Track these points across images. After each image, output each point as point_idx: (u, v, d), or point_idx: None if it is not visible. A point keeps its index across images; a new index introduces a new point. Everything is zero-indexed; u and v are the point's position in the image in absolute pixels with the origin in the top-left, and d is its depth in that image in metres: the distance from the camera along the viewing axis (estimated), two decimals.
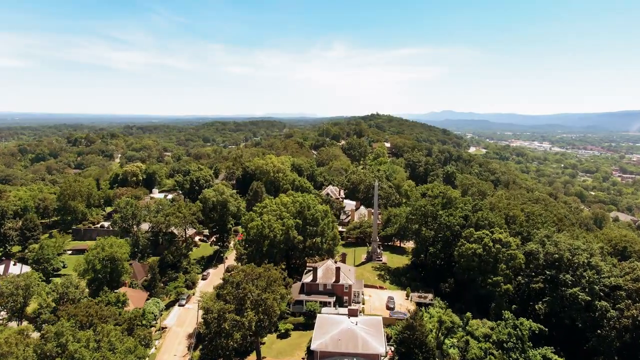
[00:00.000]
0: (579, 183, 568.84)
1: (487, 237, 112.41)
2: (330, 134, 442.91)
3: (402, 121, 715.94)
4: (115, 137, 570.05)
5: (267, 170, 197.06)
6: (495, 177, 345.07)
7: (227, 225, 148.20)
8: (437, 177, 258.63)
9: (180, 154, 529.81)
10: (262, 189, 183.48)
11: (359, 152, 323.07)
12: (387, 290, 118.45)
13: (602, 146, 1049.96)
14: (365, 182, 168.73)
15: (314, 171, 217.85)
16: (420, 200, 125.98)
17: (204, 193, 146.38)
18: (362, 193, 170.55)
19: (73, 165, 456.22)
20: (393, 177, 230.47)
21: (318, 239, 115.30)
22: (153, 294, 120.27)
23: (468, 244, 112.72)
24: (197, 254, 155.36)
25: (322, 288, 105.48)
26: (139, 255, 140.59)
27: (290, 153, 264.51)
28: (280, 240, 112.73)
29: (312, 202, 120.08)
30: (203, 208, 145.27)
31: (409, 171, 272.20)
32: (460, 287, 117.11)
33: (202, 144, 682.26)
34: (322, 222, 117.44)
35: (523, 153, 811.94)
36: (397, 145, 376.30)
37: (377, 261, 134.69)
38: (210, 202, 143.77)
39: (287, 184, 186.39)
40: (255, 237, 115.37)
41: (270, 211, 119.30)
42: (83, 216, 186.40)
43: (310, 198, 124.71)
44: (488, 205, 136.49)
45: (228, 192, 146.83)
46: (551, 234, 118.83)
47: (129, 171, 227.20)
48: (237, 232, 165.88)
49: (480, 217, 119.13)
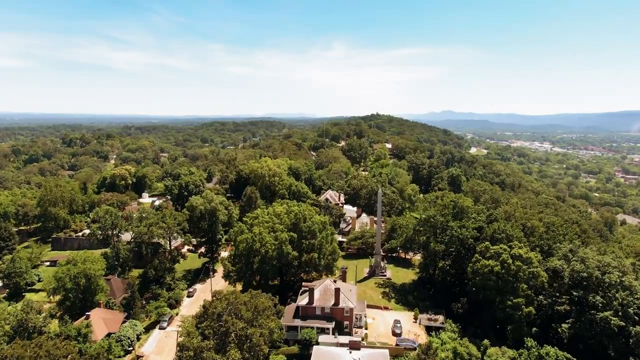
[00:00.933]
0: (583, 184, 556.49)
1: (506, 253, 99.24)
2: (330, 135, 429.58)
3: (402, 121, 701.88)
4: (111, 137, 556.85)
5: (262, 174, 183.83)
6: (500, 180, 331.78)
7: (217, 235, 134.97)
8: (441, 180, 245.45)
9: (177, 155, 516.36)
10: (256, 194, 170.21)
11: (359, 153, 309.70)
12: (393, 312, 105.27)
13: (603, 146, 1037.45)
14: (367, 188, 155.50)
15: (312, 175, 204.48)
16: (429, 210, 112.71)
17: (191, 201, 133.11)
18: (363, 199, 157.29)
19: (67, 166, 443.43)
20: (396, 181, 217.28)
21: (315, 255, 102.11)
22: (131, 315, 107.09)
23: (484, 261, 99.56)
24: (185, 266, 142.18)
25: (319, 312, 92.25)
26: (119, 269, 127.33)
27: (288, 155, 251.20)
28: (273, 256, 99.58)
29: (308, 213, 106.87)
30: (190, 217, 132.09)
31: (411, 174, 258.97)
32: (475, 307, 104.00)
33: (200, 145, 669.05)
34: (319, 235, 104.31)
35: (524, 153, 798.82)
36: (398, 147, 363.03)
37: (380, 276, 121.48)
38: (198, 210, 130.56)
39: (283, 189, 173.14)
40: (244, 252, 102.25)
41: (262, 223, 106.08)
42: (65, 223, 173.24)
43: (307, 208, 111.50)
44: (503, 214, 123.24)
45: (217, 199, 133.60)
46: (576, 248, 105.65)
47: (118, 175, 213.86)
48: (229, 242, 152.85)
49: (496, 230, 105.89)
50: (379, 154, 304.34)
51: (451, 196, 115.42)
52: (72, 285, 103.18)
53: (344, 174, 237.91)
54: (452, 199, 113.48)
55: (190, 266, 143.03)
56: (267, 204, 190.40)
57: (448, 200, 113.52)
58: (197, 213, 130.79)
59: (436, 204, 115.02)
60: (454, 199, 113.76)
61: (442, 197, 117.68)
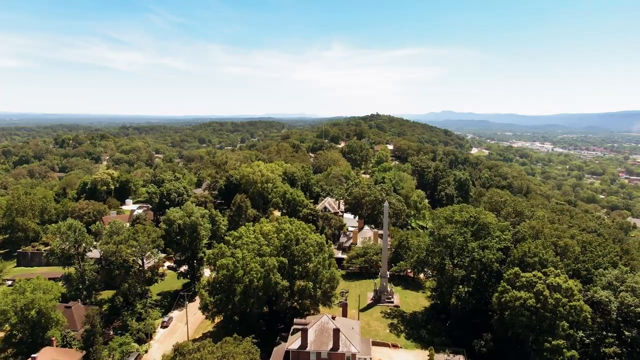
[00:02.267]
0: (587, 186, 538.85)
1: (541, 283, 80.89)
2: (329, 136, 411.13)
3: (403, 121, 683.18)
4: (105, 138, 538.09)
5: (254, 180, 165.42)
6: (507, 183, 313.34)
7: (199, 253, 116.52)
8: (447, 185, 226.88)
9: (172, 156, 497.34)
10: (246, 203, 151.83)
11: (360, 156, 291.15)
12: (403, 351, 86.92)
13: (605, 147, 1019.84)
14: (371, 197, 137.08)
15: (309, 180, 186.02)
16: (446, 228, 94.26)
17: (168, 213, 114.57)
18: (366, 209, 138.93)
19: (57, 168, 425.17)
20: (400, 186, 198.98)
21: (310, 284, 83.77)
22: (91, 355, 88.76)
23: (514, 292, 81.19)
24: (163, 286, 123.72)
25: (314, 358, 74.02)
26: (84, 293, 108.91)
27: (284, 158, 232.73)
28: (259, 286, 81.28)
29: (301, 233, 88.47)
30: (167, 232, 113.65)
31: (416, 178, 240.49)
32: (502, 346, 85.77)
33: (197, 146, 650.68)
34: (315, 259, 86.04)
35: (527, 154, 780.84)
36: (401, 148, 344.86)
37: (387, 303, 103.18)
38: (176, 225, 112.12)
39: (277, 197, 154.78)
40: (225, 280, 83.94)
41: (247, 244, 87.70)
42: (36, 235, 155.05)
43: (300, 226, 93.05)
44: (528, 229, 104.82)
45: (199, 212, 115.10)
46: (622, 275, 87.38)
47: (99, 179, 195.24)
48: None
49: (527, 252, 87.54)
50: (380, 156, 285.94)
51: (471, 211, 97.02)
52: (17, 319, 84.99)
53: (344, 178, 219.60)
54: (472, 213, 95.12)
55: (170, 287, 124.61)
56: (260, 213, 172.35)
57: (467, 215, 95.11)
58: (175, 228, 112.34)
59: (453, 220, 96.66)
60: (474, 213, 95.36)
61: (460, 211, 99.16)
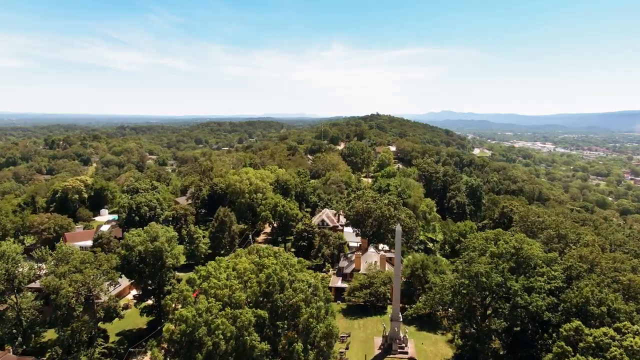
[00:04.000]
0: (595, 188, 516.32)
1: (616, 346, 57.96)
2: (329, 136, 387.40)
3: (403, 121, 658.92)
4: (98, 139, 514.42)
5: (242, 189, 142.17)
6: (517, 187, 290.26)
7: (165, 285, 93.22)
8: (458, 192, 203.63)
9: (166, 157, 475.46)
10: (230, 218, 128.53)
11: (361, 158, 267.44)
12: None
13: (607, 147, 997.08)
14: (376, 212, 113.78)
15: (305, 188, 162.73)
16: (478, 263, 70.77)
17: (127, 237, 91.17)
18: (371, 226, 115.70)
19: (45, 170, 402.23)
20: (407, 195, 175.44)
21: (299, 345, 60.54)
22: None
23: (579, 358, 58.26)
24: (125, 324, 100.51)
25: None
26: (19, 338, 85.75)
27: (279, 162, 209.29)
28: (228, 351, 58.16)
29: (288, 275, 65.00)
30: (126, 259, 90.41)
31: (422, 183, 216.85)
32: None
33: (193, 146, 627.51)
34: (305, 311, 62.68)
35: (529, 155, 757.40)
36: (404, 150, 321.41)
37: (399, 354, 79.85)
38: (137, 251, 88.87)
39: (267, 210, 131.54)
40: (183, 341, 60.70)
41: (215, 288, 64.32)
42: None
43: (287, 262, 69.41)
44: (577, 260, 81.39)
45: (165, 235, 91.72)
46: None
47: (70, 187, 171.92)
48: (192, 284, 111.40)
49: (590, 298, 64.36)
50: (383, 159, 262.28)
51: (511, 239, 73.33)
52: None
53: (344, 184, 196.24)
54: (513, 243, 71.67)
55: (134, 324, 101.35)
56: (248, 228, 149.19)
57: (507, 246, 71.66)
58: (134, 255, 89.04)
59: (487, 250, 73.36)
60: (515, 243, 71.91)
61: (496, 239, 75.60)
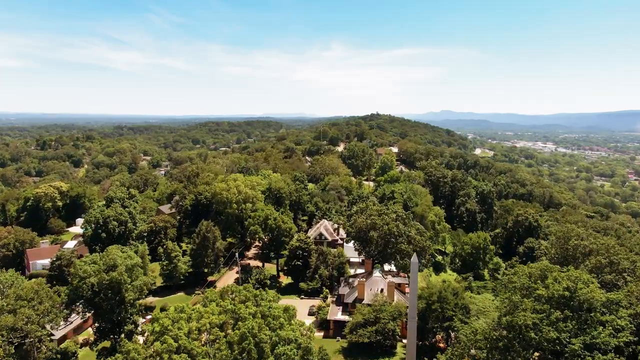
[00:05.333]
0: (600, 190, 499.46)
1: None
2: (328, 137, 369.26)
3: (404, 121, 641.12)
4: (91, 139, 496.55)
5: (229, 199, 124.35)
6: (526, 191, 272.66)
7: (126, 324, 75.37)
8: (468, 199, 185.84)
9: (161, 158, 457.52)
10: (214, 233, 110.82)
11: (362, 161, 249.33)
12: None
13: (608, 147, 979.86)
14: (383, 229, 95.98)
15: (301, 196, 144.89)
16: (524, 312, 52.90)
17: (77, 266, 73.27)
18: (376, 245, 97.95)
19: (34, 172, 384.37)
20: (413, 202, 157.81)
21: None
22: None
23: None
24: None
25: None
26: None
27: (273, 166, 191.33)
28: None
29: (267, 335, 47.08)
30: (76, 292, 72.67)
31: (428, 188, 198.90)
32: None
33: (190, 147, 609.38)
34: None
35: (532, 155, 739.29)
36: (407, 151, 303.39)
37: None
38: (88, 283, 71.15)
39: (256, 224, 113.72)
40: None
41: (169, 352, 46.54)
42: None
43: (270, 314, 51.31)
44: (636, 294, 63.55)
45: (124, 264, 73.81)
46: None
47: (42, 194, 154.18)
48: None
49: None
50: (385, 161, 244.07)
51: (563, 277, 55.39)
52: None
53: (344, 190, 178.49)
54: (567, 283, 53.89)
55: None
56: (237, 242, 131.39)
57: (558, 287, 53.81)
58: (86, 288, 71.26)
59: (532, 291, 55.62)
60: (569, 283, 54.09)
61: (543, 276, 57.60)
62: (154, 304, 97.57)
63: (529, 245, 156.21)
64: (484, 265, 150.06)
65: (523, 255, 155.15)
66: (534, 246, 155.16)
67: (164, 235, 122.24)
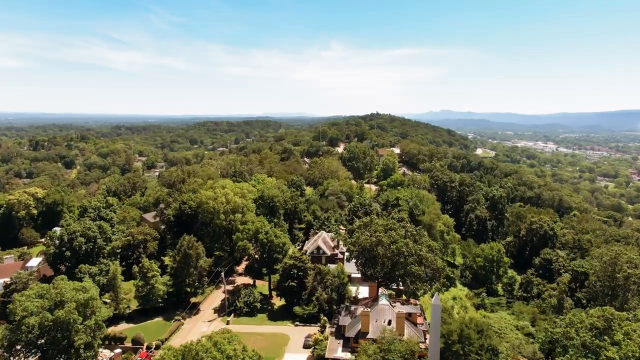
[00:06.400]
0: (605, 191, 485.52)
1: None
2: (327, 137, 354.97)
3: (404, 121, 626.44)
4: (85, 139, 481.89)
5: (216, 209, 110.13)
6: (534, 194, 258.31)
7: None
8: (477, 205, 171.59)
9: (156, 159, 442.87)
10: (197, 249, 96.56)
11: (363, 163, 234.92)
12: None
13: (609, 147, 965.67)
14: (390, 248, 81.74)
15: (296, 205, 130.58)
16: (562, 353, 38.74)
17: (16, 302, 59.25)
18: (382, 266, 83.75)
19: (24, 173, 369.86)
20: (419, 210, 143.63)
21: None
22: None
23: None
24: None
25: None
26: None
27: (269, 169, 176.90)
28: None
29: None
30: (15, 332, 58.55)
31: (434, 192, 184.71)
32: None
33: (187, 147, 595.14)
34: None
35: (534, 155, 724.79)
36: (409, 152, 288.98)
37: None
38: (28, 325, 57.05)
39: (245, 238, 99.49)
40: None
41: None
42: None
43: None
44: None
45: (74, 299, 59.42)
46: None
47: (15, 201, 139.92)
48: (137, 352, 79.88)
49: None
50: (387, 163, 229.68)
51: (636, 331, 41.69)
52: None
53: (344, 196, 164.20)
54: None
55: None
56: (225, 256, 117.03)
57: (633, 347, 40.00)
58: (26, 328, 57.13)
59: (594, 348, 41.73)
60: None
61: (608, 327, 43.41)
62: (124, 335, 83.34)
63: (545, 257, 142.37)
64: (497, 279, 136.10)
65: (539, 267, 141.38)
66: (551, 258, 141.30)
67: (143, 250, 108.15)
